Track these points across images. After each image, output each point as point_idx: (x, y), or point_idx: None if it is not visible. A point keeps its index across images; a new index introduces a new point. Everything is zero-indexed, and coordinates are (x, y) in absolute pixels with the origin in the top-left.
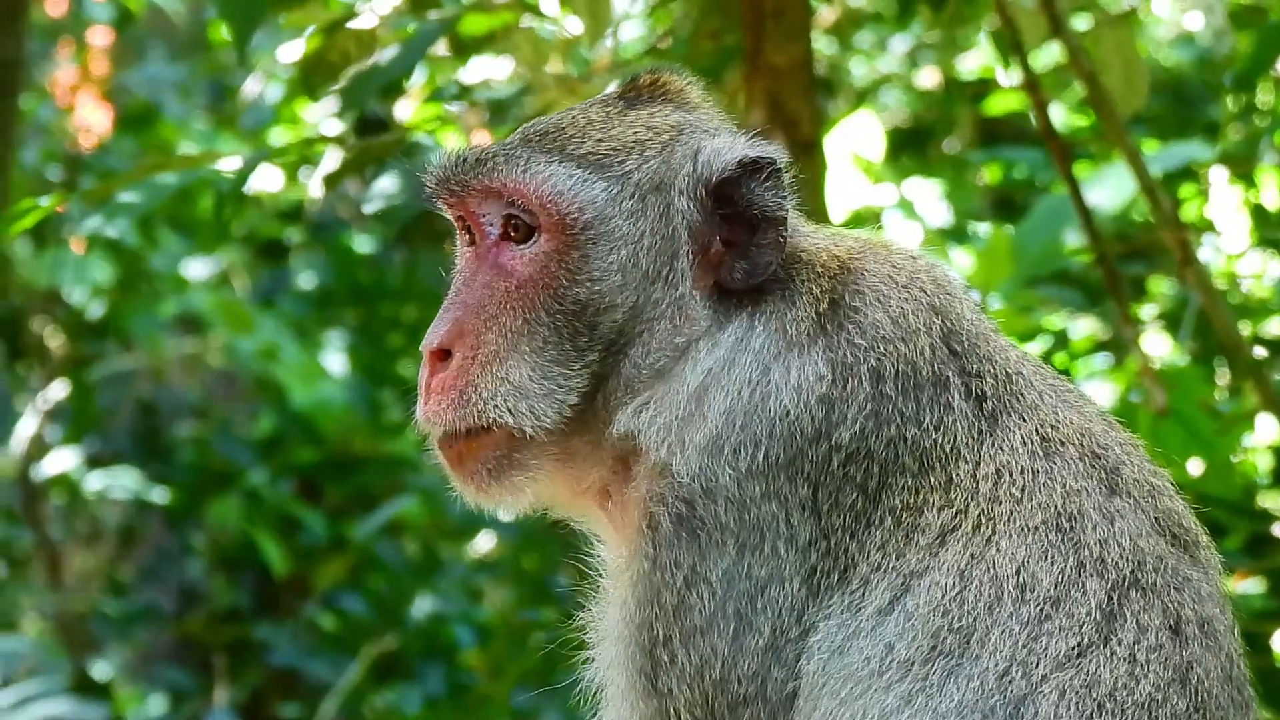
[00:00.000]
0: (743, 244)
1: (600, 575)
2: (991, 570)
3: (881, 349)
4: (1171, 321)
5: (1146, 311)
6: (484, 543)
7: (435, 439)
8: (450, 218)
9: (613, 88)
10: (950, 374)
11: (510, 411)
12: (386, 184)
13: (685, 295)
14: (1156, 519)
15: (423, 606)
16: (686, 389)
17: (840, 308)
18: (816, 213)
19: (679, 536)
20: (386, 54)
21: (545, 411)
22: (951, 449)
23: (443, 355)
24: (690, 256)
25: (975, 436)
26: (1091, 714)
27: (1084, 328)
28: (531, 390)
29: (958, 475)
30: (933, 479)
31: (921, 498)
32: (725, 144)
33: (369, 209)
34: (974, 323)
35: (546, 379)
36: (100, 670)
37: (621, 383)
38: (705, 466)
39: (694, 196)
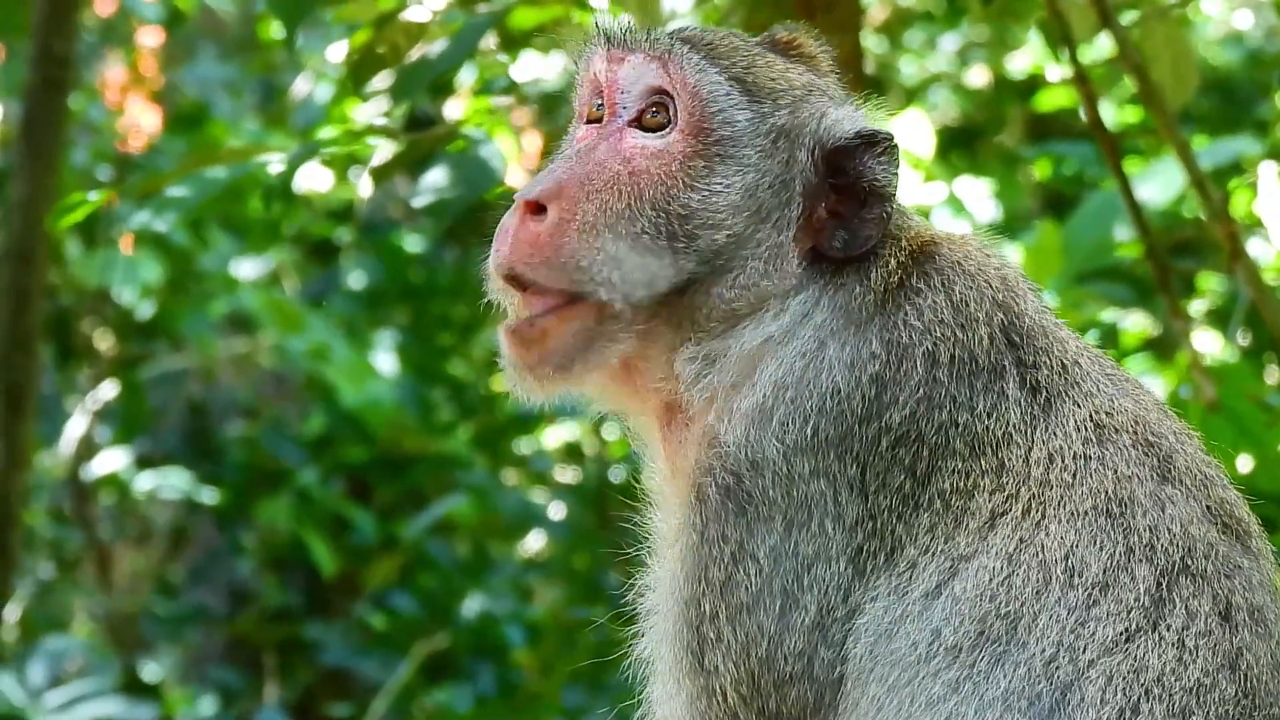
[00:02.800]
0: (846, 215)
1: (652, 543)
2: (1040, 555)
3: (938, 333)
4: (1221, 317)
5: (1196, 307)
6: (534, 541)
7: (503, 325)
8: (580, 89)
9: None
10: (1006, 363)
11: (605, 282)
12: (435, 177)
13: (785, 244)
14: (1208, 507)
15: (473, 605)
16: (741, 351)
17: (905, 288)
18: None
19: (726, 508)
20: (435, 47)
21: (637, 285)
22: (1004, 434)
23: (536, 209)
24: (799, 210)
25: (1028, 422)
26: (1138, 699)
27: (1134, 323)
28: (627, 262)
29: (1010, 459)
30: (984, 463)
31: (972, 481)
32: (848, 113)
33: (418, 203)
34: (1034, 317)
35: (642, 258)
36: (150, 671)
37: (706, 304)
38: (753, 437)
39: (812, 155)
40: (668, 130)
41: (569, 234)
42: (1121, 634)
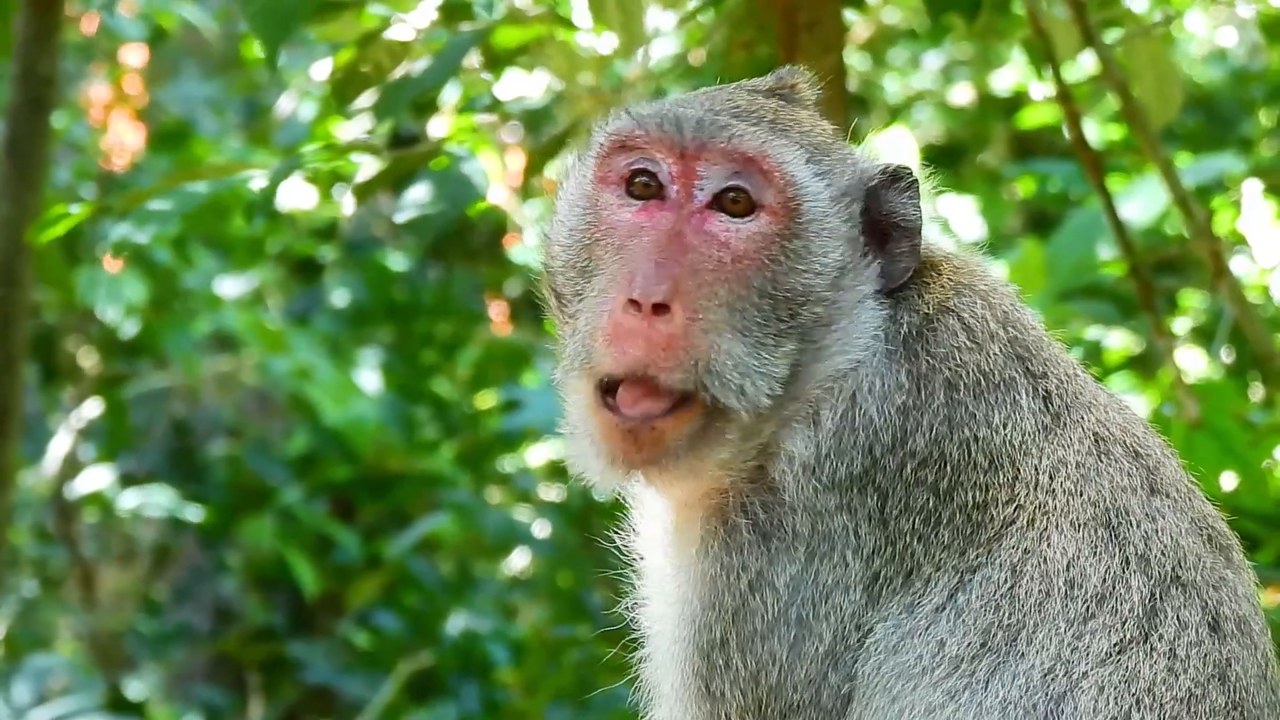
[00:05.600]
0: (872, 251)
1: (644, 569)
2: (1043, 565)
3: (956, 359)
4: (1204, 335)
5: (1179, 325)
6: (518, 560)
7: (600, 410)
8: (601, 167)
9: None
10: (1017, 375)
11: (734, 391)
12: (418, 193)
13: (866, 298)
14: (1194, 519)
15: (457, 624)
16: (830, 413)
17: (932, 318)
18: None
19: (751, 539)
20: (419, 66)
21: (760, 390)
22: (1020, 444)
23: (659, 309)
24: (870, 258)
25: (1041, 431)
26: (1130, 708)
27: (1117, 340)
28: (751, 368)
29: (1023, 470)
30: (1001, 476)
31: (990, 495)
32: (866, 153)
33: (401, 219)
34: (1035, 329)
35: (758, 358)
36: (134, 689)
37: (809, 382)
38: (799, 480)
39: (857, 200)
40: (755, 212)
41: (697, 334)
42: (1115, 645)
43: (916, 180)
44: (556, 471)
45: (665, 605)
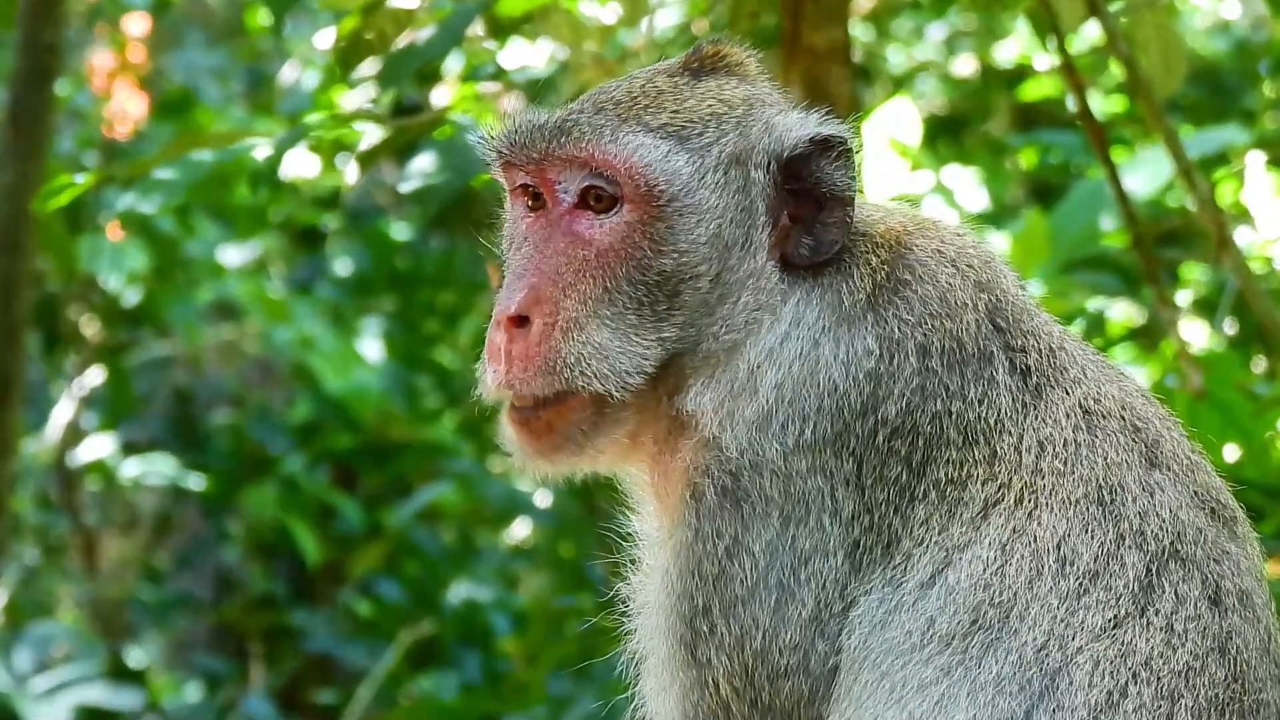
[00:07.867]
0: (807, 220)
1: (638, 544)
2: (1033, 544)
3: (928, 324)
4: (1207, 307)
5: (1182, 297)
6: (520, 529)
7: (506, 409)
8: (506, 182)
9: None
10: (995, 349)
11: (597, 376)
12: (423, 163)
13: (762, 267)
14: (1195, 493)
15: (459, 593)
16: (747, 366)
17: (891, 283)
18: None
19: (722, 508)
20: (423, 34)
21: (629, 373)
22: (996, 422)
23: (519, 322)
24: (766, 230)
25: (1020, 409)
26: (1125, 682)
27: (1120, 312)
28: (614, 351)
29: (1002, 448)
30: (977, 452)
31: (966, 471)
32: (797, 120)
33: (405, 188)
34: (1017, 299)
35: (628, 342)
36: (136, 657)
37: (700, 354)
38: (754, 441)
39: (768, 170)
40: (617, 205)
41: (554, 338)
42: (1110, 620)
43: (849, 149)
44: None
45: (649, 577)
